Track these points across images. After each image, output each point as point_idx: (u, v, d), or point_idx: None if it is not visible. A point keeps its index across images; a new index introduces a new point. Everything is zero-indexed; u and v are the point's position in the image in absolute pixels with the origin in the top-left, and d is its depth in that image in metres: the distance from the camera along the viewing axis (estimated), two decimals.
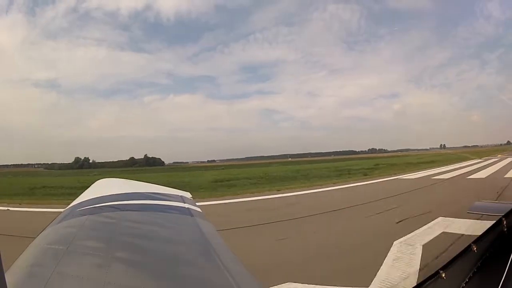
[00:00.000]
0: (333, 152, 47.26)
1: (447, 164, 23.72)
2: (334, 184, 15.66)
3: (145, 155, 49.70)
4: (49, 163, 47.75)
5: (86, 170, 43.40)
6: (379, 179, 17.23)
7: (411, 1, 48.20)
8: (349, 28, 49.51)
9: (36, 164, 46.77)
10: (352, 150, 49.31)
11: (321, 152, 47.83)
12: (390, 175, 18.43)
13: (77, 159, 48.74)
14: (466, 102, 53.21)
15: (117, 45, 53.70)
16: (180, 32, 51.75)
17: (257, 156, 49.46)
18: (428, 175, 17.27)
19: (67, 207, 2.23)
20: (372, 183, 15.71)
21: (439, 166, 22.29)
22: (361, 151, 49.40)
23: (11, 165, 44.31)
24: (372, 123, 53.24)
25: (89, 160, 48.42)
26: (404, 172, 19.76)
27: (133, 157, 49.25)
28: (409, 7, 51.33)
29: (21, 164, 44.67)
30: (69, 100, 46.15)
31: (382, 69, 54.71)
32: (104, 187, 2.80)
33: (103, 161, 48.08)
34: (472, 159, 27.13)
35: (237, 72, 60.28)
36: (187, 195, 2.83)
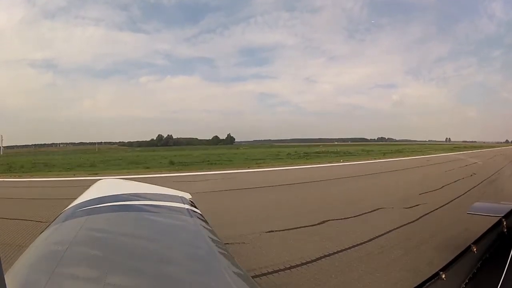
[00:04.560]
0: (349, 138, 51.09)
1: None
2: None
3: (229, 134, 52.04)
4: (126, 141, 48.63)
5: (173, 147, 43.95)
6: None
7: None
8: (351, 16, 49.63)
9: (61, 143, 46.97)
10: (364, 138, 53.30)
11: (335, 138, 49.86)
12: None
13: (160, 136, 49.65)
14: (463, 98, 54.03)
15: (115, 25, 53.63)
16: (180, 12, 51.46)
17: (264, 140, 51.71)
18: None
19: (67, 208, 2.23)
20: None
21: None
22: (371, 139, 53.30)
23: (32, 145, 44.62)
24: (368, 111, 54.88)
25: (172, 137, 49.41)
26: None
27: (217, 136, 51.72)
28: (411, 0, 51.40)
29: (45, 144, 44.86)
30: (65, 80, 46.44)
31: (381, 58, 56.39)
32: (104, 188, 2.80)
33: (186, 137, 49.64)
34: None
35: (236, 55, 60.93)
36: (187, 195, 2.83)
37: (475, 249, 1.63)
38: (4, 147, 39.53)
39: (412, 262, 4.54)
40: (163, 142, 49.07)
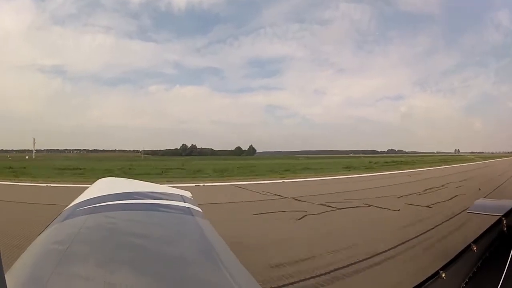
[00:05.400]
0: (360, 150, 52.87)
1: None
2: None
3: (251, 146, 53.66)
4: (151, 149, 50.39)
5: (197, 156, 45.05)
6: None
7: (422, 6, 48.88)
8: (359, 29, 49.76)
9: (75, 150, 47.95)
10: (374, 150, 55.04)
11: (346, 150, 50.50)
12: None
13: (184, 146, 51.20)
14: (471, 109, 54.07)
15: (125, 33, 55.76)
16: (190, 23, 52.15)
17: (274, 151, 52.96)
18: None
19: (68, 206, 2.24)
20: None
21: None
22: (381, 151, 54.96)
23: (45, 150, 46.16)
24: (377, 123, 55.51)
25: (196, 147, 50.77)
26: None
27: (239, 147, 53.32)
28: (419, 12, 51.97)
29: (57, 149, 45.56)
30: (74, 87, 46.97)
31: (389, 70, 56.21)
32: (105, 187, 2.80)
33: (208, 147, 50.79)
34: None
35: (244, 66, 61.27)
36: (188, 194, 2.83)
37: (475, 248, 1.63)
38: (15, 150, 39.65)
39: None
40: (187, 152, 50.15)
